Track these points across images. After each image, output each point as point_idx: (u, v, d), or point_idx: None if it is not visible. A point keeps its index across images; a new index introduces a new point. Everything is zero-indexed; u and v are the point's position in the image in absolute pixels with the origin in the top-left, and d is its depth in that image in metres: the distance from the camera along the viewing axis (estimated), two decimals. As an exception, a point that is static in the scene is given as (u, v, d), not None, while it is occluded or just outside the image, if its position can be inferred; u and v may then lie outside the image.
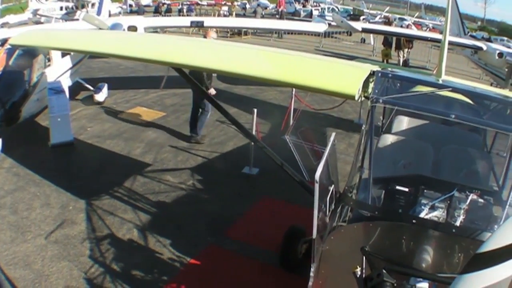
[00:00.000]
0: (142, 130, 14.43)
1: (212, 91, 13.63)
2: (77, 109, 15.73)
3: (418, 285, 4.81)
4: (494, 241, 3.87)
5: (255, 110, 11.86)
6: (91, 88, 16.75)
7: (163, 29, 25.29)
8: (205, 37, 15.81)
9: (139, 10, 54.38)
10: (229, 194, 10.91)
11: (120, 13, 44.95)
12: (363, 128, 7.07)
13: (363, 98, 6.93)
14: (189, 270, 8.24)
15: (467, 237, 5.81)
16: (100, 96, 16.59)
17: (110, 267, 8.06)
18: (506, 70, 24.26)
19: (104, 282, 7.70)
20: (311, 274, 5.31)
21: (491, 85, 27.24)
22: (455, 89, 7.47)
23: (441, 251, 5.71)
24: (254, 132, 11.86)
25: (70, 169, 11.61)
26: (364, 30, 28.04)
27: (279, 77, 7.11)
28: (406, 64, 32.51)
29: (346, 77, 7.11)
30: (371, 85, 7.00)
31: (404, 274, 4.97)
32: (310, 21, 35.88)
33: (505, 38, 53.77)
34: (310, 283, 5.26)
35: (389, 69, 8.13)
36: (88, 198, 10.13)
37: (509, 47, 25.04)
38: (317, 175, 5.10)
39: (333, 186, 6.09)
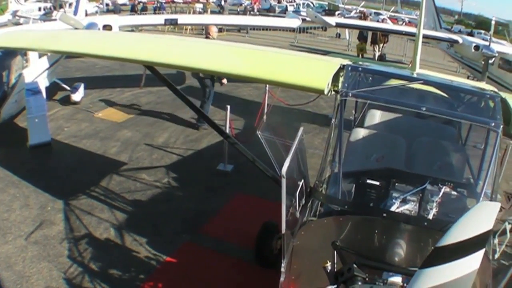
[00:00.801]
0: (118, 129, 14.30)
1: (224, 81, 14.79)
2: (55, 110, 15.55)
3: (391, 279, 4.76)
4: (452, 235, 3.82)
5: (228, 107, 11.83)
6: (68, 88, 16.54)
7: (138, 28, 25.13)
8: (207, 33, 16.02)
9: (116, 9, 53.62)
10: (204, 191, 10.87)
11: (97, 12, 44.36)
12: (332, 122, 6.90)
13: (333, 92, 6.81)
14: (165, 268, 8.19)
15: (440, 230, 5.53)
16: (77, 96, 16.40)
17: (88, 266, 7.99)
18: (483, 63, 24.18)
19: (83, 282, 7.63)
20: (282, 269, 5.25)
21: (467, 78, 27.24)
22: (426, 82, 7.37)
23: (414, 244, 5.62)
24: (227, 129, 11.79)
25: (48, 170, 11.48)
26: (338, 25, 27.89)
27: (248, 73, 7.05)
28: (382, 58, 32.35)
29: (316, 72, 7.02)
30: (341, 79, 6.89)
31: (376, 268, 4.92)
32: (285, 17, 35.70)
33: (483, 32, 53.91)
34: (281, 279, 5.22)
35: (360, 63, 8.09)
36: (66, 198, 10.02)
37: (486, 40, 25.07)
38: (284, 170, 5.00)
39: (303, 180, 5.95)
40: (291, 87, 7.42)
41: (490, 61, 23.95)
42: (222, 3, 65.68)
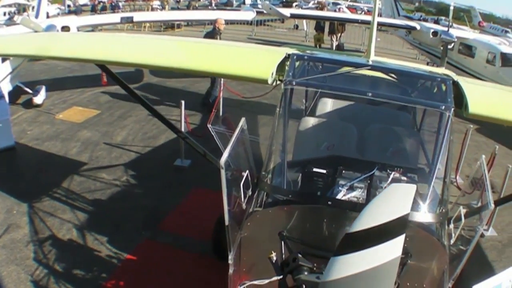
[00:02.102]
0: (78, 130, 14.07)
1: None
2: (18, 113, 15.22)
3: None
4: (363, 221, 3.69)
5: (183, 102, 11.69)
6: (30, 91, 16.19)
7: (98, 27, 24.75)
8: (214, 27, 16.37)
9: (77, 10, 52.28)
10: (162, 187, 10.77)
11: (58, 14, 43.52)
12: (276, 111, 6.57)
13: (278, 82, 6.66)
14: (126, 266, 8.11)
15: None
16: (39, 99, 16.05)
17: (53, 268, 7.90)
18: (441, 48, 24.08)
19: (49, 284, 7.56)
20: (230, 262, 5.20)
21: (427, 64, 27.05)
22: (373, 67, 7.27)
23: None
24: (183, 124, 11.72)
25: (12, 174, 11.28)
26: (293, 16, 27.19)
27: (193, 66, 6.95)
28: (339, 48, 31.70)
29: (260, 62, 6.93)
30: (286, 68, 6.71)
31: (322, 257, 4.80)
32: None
33: (443, 18, 54.04)
34: (230, 271, 5.16)
35: (308, 51, 8.02)
36: (31, 201, 9.86)
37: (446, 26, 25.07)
38: (222, 161, 4.91)
39: (247, 171, 5.74)
40: (235, 78, 7.32)
41: (449, 47, 23.84)
42: None
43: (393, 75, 7.77)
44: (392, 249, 3.62)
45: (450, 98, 6.29)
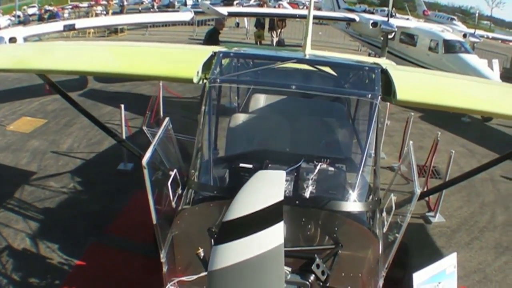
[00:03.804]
0: (27, 140, 13.70)
1: None
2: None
3: None
4: (235, 209, 3.57)
5: (122, 106, 11.46)
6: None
7: (44, 36, 24.12)
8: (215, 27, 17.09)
9: (25, 20, 50.68)
10: (107, 192, 10.62)
11: (9, 25, 42.27)
12: (202, 109, 6.32)
13: (205, 81, 6.40)
14: (76, 272, 7.98)
15: (314, 207, 5.38)
16: (-11, 112, 15.62)
17: (11, 277, 7.75)
18: (382, 38, 23.79)
19: (6, 294, 7.36)
20: (162, 260, 5.15)
21: (369, 55, 26.97)
22: (300, 60, 7.10)
23: (291, 224, 5.13)
24: (123, 128, 11.53)
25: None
26: (230, 14, 26.26)
27: (120, 70, 6.82)
28: (280, 43, 30.87)
29: (186, 62, 6.75)
30: (212, 66, 6.49)
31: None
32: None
33: (386, 8, 53.81)
34: (164, 270, 5.12)
35: (235, 48, 7.77)
36: (-14, 213, 9.58)
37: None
38: (144, 160, 4.82)
39: (175, 170, 5.58)
40: (161, 79, 7.14)
41: (390, 36, 23.61)
42: (125, 3, 63.41)
43: (320, 67, 7.57)
44: (272, 237, 3.44)
45: (378, 86, 6.20)
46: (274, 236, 3.43)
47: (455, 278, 6.10)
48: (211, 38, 17.09)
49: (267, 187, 3.69)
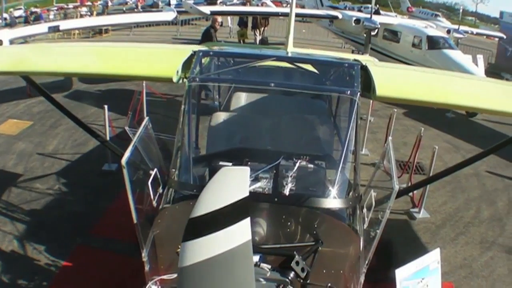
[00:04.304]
0: (13, 142, 13.55)
1: None
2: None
3: None
4: (201, 205, 3.48)
5: (106, 107, 11.39)
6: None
7: (31, 38, 23.79)
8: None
9: (11, 22, 50.13)
10: (92, 193, 10.53)
11: (-4, 28, 41.76)
12: (182, 108, 6.18)
13: (185, 80, 6.33)
14: (63, 273, 7.92)
15: (293, 205, 5.33)
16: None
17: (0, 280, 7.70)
18: (365, 35, 23.56)
19: (-3, 296, 7.29)
20: (144, 259, 5.07)
21: (352, 52, 26.71)
22: (279, 58, 7.07)
23: (271, 221, 5.15)
24: (107, 129, 11.45)
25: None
26: (213, 13, 24.77)
27: (100, 70, 6.73)
28: (263, 42, 30.14)
29: (166, 61, 6.66)
30: (192, 65, 6.41)
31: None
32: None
33: (369, 5, 53.32)
34: (146, 269, 5.04)
35: (215, 47, 7.77)
36: (-25, 215, 9.49)
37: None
38: (123, 160, 4.73)
39: (155, 169, 5.44)
40: (142, 79, 7.01)
41: (373, 33, 23.37)
42: (109, 3, 62.72)
43: (301, 65, 7.47)
44: (239, 233, 3.39)
45: (357, 82, 6.12)
46: (241, 232, 3.39)
47: (439, 274, 6.05)
48: (207, 36, 17.07)
49: (231, 184, 3.64)
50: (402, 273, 5.66)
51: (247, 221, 3.43)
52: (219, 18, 16.78)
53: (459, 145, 15.71)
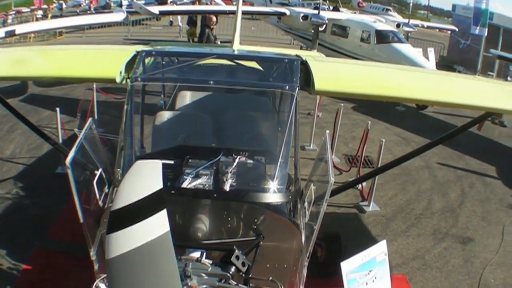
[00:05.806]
0: None
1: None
2: None
3: (191, 255, 4.36)
4: (119, 198, 3.44)
5: (58, 110, 11.14)
6: None
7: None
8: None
9: None
10: (48, 195, 10.26)
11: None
12: (124, 108, 5.94)
13: (128, 80, 6.14)
14: (23, 277, 7.73)
15: (233, 200, 5.32)
16: None
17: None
18: (313, 32, 23.09)
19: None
20: (92, 258, 5.00)
21: (301, 48, 26.37)
22: (220, 56, 6.95)
23: (212, 217, 5.11)
24: (60, 131, 11.28)
25: None
26: (162, 13, 25.59)
27: (46, 73, 6.61)
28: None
29: (109, 62, 6.43)
30: (135, 65, 6.27)
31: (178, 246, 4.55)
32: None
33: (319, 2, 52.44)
34: (95, 267, 4.96)
35: (159, 47, 7.60)
36: None
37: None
38: (68, 160, 4.65)
39: (100, 170, 5.29)
40: (85, 80, 6.83)
41: (321, 29, 22.92)
42: (64, 6, 60.99)
43: (244, 62, 7.45)
44: (157, 225, 3.38)
45: (296, 78, 6.07)
46: (159, 224, 3.38)
47: (387, 265, 5.98)
48: (203, 36, 16.92)
49: (145, 177, 3.64)
50: (347, 266, 5.61)
51: (163, 213, 3.42)
52: (214, 17, 16.41)
53: (409, 138, 15.60)
